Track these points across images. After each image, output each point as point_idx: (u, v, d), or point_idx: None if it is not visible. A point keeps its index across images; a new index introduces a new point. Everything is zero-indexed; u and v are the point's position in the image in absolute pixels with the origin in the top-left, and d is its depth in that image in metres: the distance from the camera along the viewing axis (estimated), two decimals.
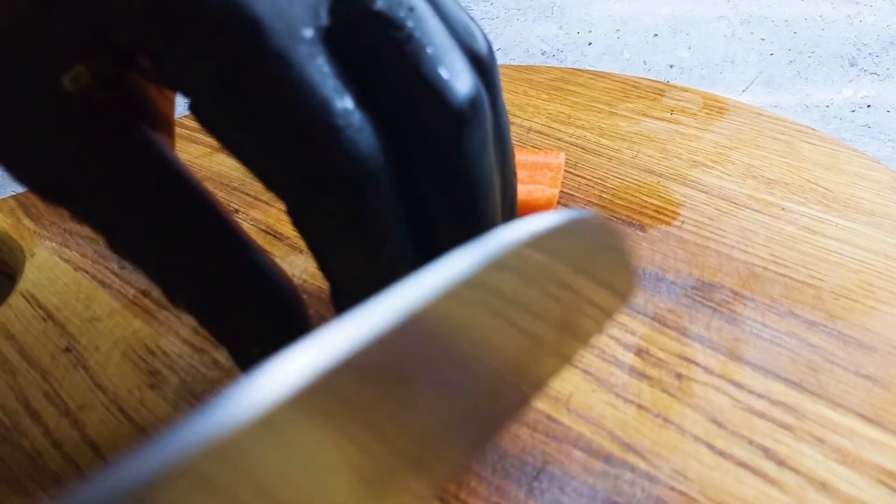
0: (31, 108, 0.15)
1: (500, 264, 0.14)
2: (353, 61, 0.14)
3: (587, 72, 0.41)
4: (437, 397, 0.14)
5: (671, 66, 0.53)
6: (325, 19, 0.14)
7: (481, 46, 0.16)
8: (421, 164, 0.15)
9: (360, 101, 0.14)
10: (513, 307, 0.15)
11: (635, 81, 0.39)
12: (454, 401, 0.14)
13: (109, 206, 0.16)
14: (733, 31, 0.56)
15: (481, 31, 0.16)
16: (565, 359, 0.18)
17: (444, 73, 0.14)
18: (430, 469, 0.14)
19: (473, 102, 0.15)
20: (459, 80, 0.14)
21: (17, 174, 0.16)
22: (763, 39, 0.55)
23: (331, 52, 0.14)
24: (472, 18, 0.16)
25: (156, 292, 0.27)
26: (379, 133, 0.14)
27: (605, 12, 0.61)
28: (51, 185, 0.16)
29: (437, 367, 0.13)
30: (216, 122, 0.14)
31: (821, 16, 0.58)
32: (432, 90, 0.14)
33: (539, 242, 0.15)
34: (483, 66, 0.16)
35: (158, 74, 0.14)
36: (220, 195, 0.32)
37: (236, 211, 0.31)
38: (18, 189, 0.43)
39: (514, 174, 0.18)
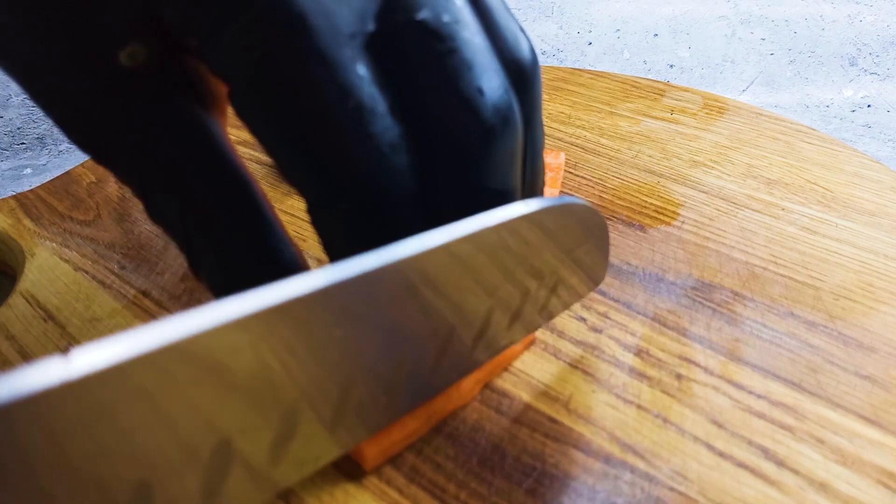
0: (87, 79, 0.16)
1: (487, 232, 0.14)
2: (390, 66, 0.14)
3: (587, 72, 0.41)
4: (391, 341, 0.14)
5: (671, 66, 0.53)
6: (371, 25, 0.14)
7: (526, 59, 0.16)
8: (444, 174, 0.15)
9: (394, 108, 0.14)
10: (488, 272, 0.15)
11: (635, 81, 0.39)
12: (406, 349, 0.15)
13: (149, 176, 0.16)
14: (733, 31, 0.56)
15: (529, 42, 0.16)
16: (526, 331, 0.18)
17: (479, 89, 0.14)
18: (362, 414, 0.14)
19: (504, 119, 0.15)
20: (494, 96, 0.14)
21: (68, 134, 0.17)
22: (763, 39, 0.55)
23: (372, 57, 0.14)
24: (522, 28, 0.16)
25: (156, 293, 0.27)
26: (408, 143, 0.14)
27: (606, 12, 0.61)
28: (97, 149, 0.17)
29: (398, 312, 0.14)
30: (249, 111, 0.14)
31: (821, 15, 0.58)
32: (465, 105, 0.14)
33: (533, 218, 0.15)
34: (524, 78, 0.16)
35: (202, 59, 0.14)
36: None
37: None
38: (19, 189, 0.43)
39: (542, 192, 0.18)
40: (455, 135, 0.14)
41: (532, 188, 0.17)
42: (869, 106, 0.45)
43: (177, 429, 0.11)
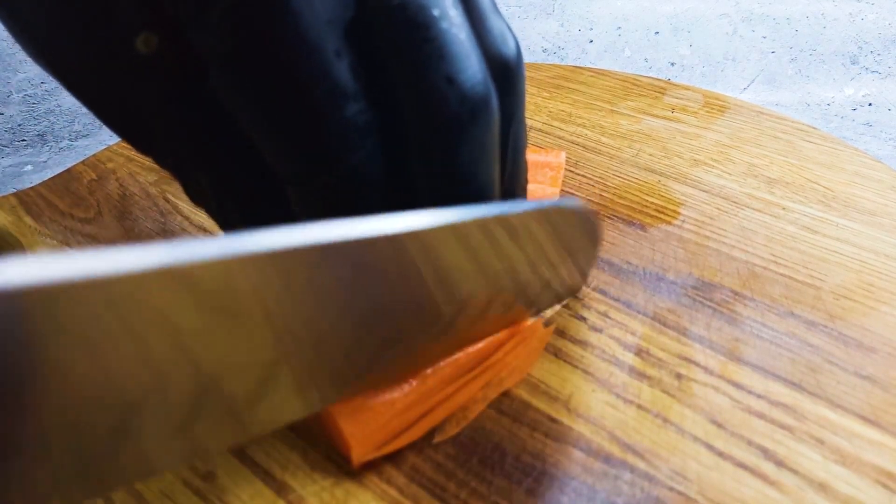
0: (113, 69, 0.16)
1: (500, 219, 0.14)
2: (367, 52, 0.15)
3: (588, 69, 0.41)
4: (386, 305, 0.14)
5: (672, 64, 0.52)
6: (351, 11, 0.15)
7: (511, 55, 0.16)
8: (416, 160, 0.15)
9: (368, 93, 0.15)
10: (492, 258, 0.15)
11: (636, 79, 0.39)
12: (394, 319, 0.15)
13: (182, 157, 0.17)
14: (735, 29, 0.56)
15: (515, 40, 0.16)
16: (508, 324, 0.19)
17: (448, 78, 0.14)
18: (335, 376, 0.15)
19: (473, 110, 0.15)
20: (465, 88, 0.15)
21: (107, 123, 0.18)
22: (764, 37, 0.55)
23: (351, 42, 0.15)
24: (509, 26, 0.16)
25: None
26: (380, 127, 0.15)
27: (607, 10, 0.61)
28: (133, 135, 0.18)
29: (398, 281, 0.14)
30: (231, 89, 0.15)
31: (822, 14, 0.57)
32: (432, 93, 0.14)
33: (543, 215, 0.15)
34: (509, 75, 0.16)
35: (189, 41, 0.15)
36: None
37: None
38: (19, 186, 0.43)
39: (525, 189, 0.18)
40: (423, 122, 0.15)
41: (512, 184, 0.17)
42: (870, 104, 0.45)
43: (155, 355, 0.11)
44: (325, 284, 0.12)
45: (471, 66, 0.15)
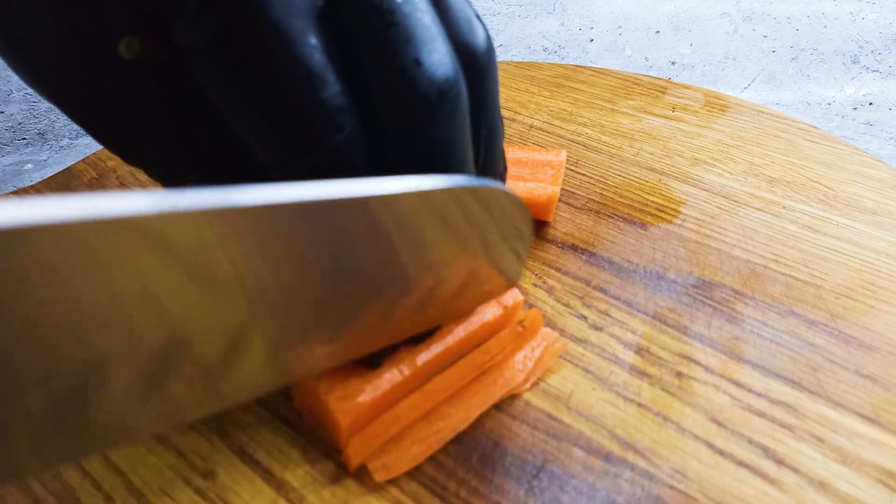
0: (101, 77, 0.17)
1: (455, 195, 0.15)
2: (339, 37, 0.15)
3: (589, 68, 0.41)
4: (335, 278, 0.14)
5: (673, 63, 0.52)
6: None
7: (479, 43, 0.16)
8: (390, 140, 0.15)
9: (343, 76, 0.15)
10: (447, 233, 0.16)
11: (637, 78, 0.39)
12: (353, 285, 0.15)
13: (174, 166, 0.17)
14: (735, 29, 0.56)
15: (484, 28, 0.17)
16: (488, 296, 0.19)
17: (416, 60, 0.15)
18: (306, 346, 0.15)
19: (441, 92, 0.15)
20: (432, 70, 0.15)
21: (100, 140, 0.18)
22: (765, 37, 0.55)
23: (323, 28, 0.15)
24: (477, 15, 0.17)
25: None
26: (356, 109, 0.15)
27: (607, 9, 0.61)
28: (125, 148, 0.18)
29: (367, 242, 0.14)
30: (211, 79, 0.15)
31: (823, 13, 0.57)
32: (400, 76, 0.15)
33: (452, 194, 0.16)
34: (477, 63, 0.16)
35: (169, 36, 0.15)
36: None
37: None
38: (20, 184, 0.43)
39: (503, 177, 0.18)
40: (394, 104, 0.15)
41: (489, 171, 0.18)
42: (871, 104, 0.45)
43: (127, 309, 0.10)
44: (294, 241, 0.13)
45: (437, 49, 0.15)
